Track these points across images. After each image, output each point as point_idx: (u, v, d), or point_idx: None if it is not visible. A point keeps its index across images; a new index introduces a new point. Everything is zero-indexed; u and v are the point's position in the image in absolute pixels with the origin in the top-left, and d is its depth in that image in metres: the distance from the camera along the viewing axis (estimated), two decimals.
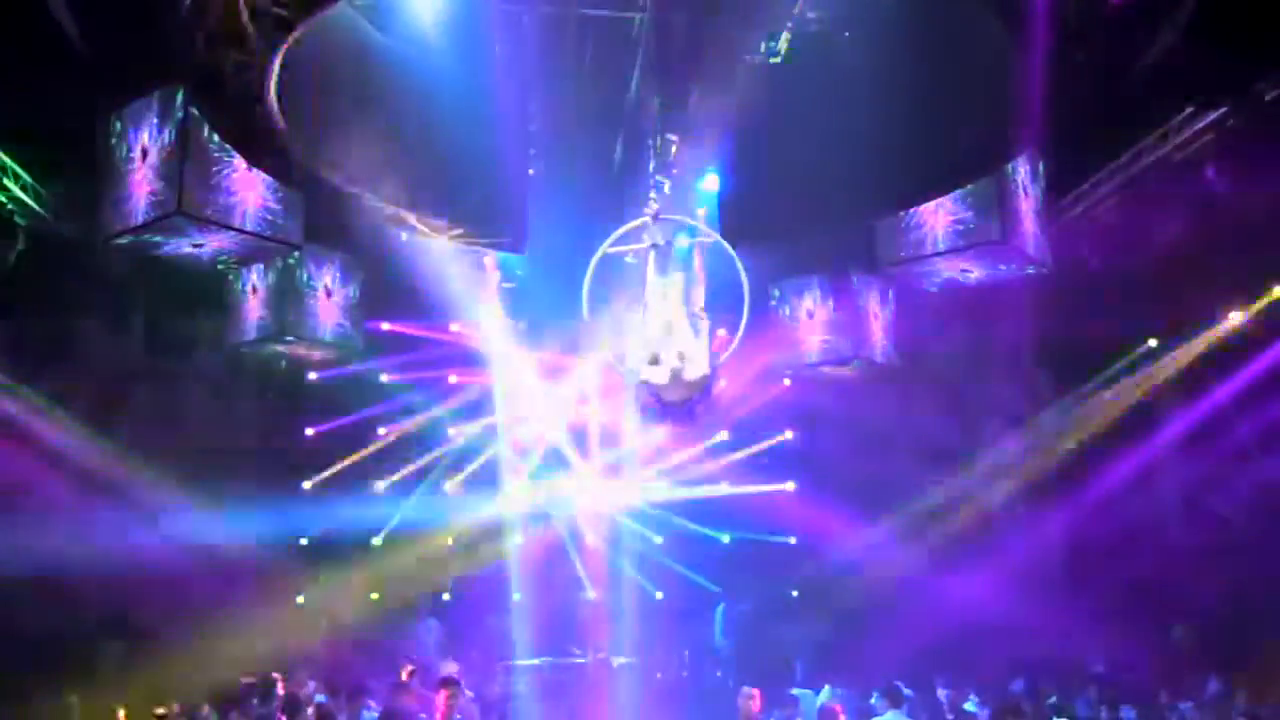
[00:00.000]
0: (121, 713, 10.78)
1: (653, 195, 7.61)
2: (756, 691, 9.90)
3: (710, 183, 11.58)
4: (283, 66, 7.64)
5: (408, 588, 15.86)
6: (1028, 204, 11.06)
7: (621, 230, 7.36)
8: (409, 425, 15.35)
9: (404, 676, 12.24)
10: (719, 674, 15.64)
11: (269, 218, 10.24)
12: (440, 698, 9.25)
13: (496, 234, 10.57)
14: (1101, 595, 14.25)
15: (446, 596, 16.16)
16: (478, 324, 14.63)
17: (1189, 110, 10.67)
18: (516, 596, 16.00)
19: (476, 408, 15.52)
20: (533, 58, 10.09)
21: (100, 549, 12.58)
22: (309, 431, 14.96)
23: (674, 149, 11.17)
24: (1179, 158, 10.97)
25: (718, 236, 7.83)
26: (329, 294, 12.24)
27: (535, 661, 15.06)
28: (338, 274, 12.31)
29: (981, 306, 13.03)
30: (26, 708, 11.26)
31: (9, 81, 9.57)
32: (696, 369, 6.44)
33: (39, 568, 12.17)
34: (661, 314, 6.89)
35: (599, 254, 7.12)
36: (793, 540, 16.09)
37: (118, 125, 10.05)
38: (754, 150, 10.03)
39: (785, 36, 9.78)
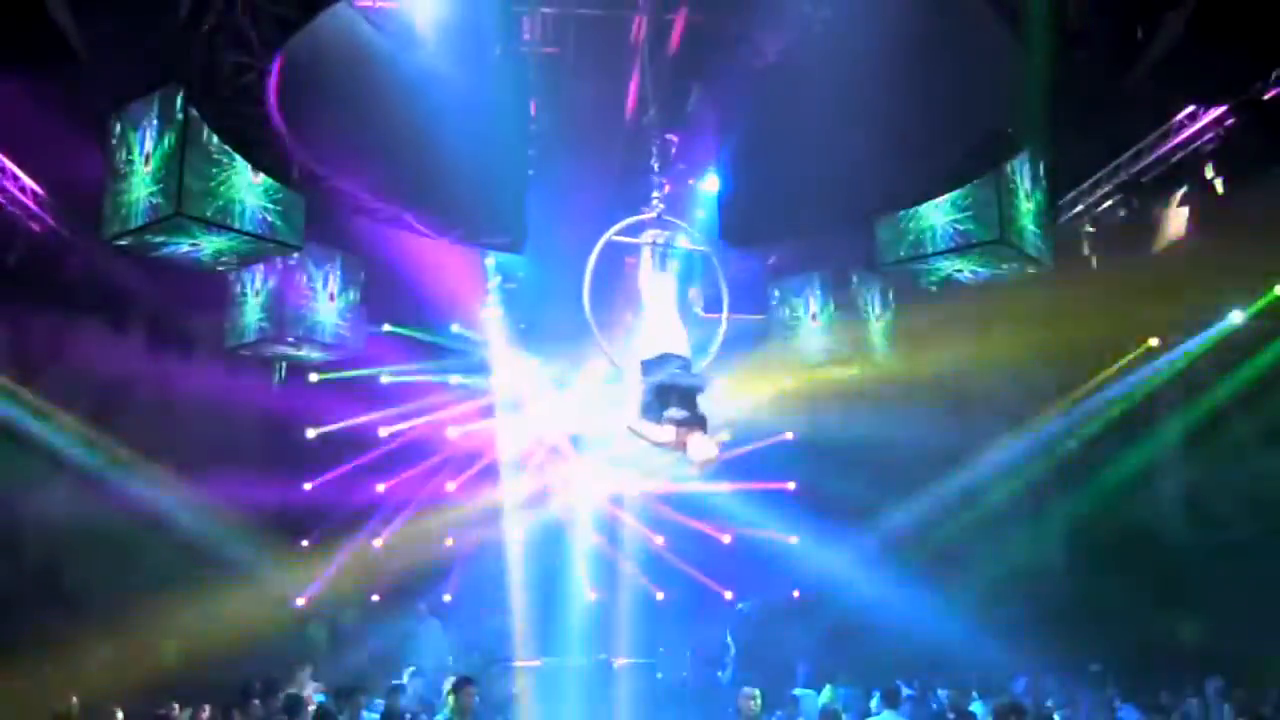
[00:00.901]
0: (120, 714, 10.77)
1: (656, 195, 7.54)
2: (757, 692, 9.91)
3: (710, 183, 11.59)
4: (282, 67, 7.64)
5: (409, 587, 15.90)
6: (1028, 203, 11.05)
7: (624, 223, 7.33)
8: (410, 426, 15.37)
9: (405, 678, 12.25)
10: (720, 674, 15.63)
11: (269, 219, 10.23)
12: (452, 698, 9.26)
13: (496, 235, 10.56)
14: (1103, 595, 14.25)
15: (448, 597, 16.17)
16: (478, 325, 14.65)
17: (1189, 109, 10.67)
18: (518, 596, 16.02)
19: (477, 409, 15.53)
20: (532, 57, 10.09)
21: (101, 548, 12.60)
22: (310, 433, 14.97)
23: (674, 149, 11.18)
24: (1179, 156, 10.97)
25: (707, 249, 7.79)
26: (329, 295, 12.23)
27: (536, 662, 15.06)
28: (338, 275, 12.30)
29: (982, 305, 13.02)
30: (26, 710, 11.26)
31: (8, 82, 9.56)
32: (704, 450, 6.34)
33: (40, 568, 12.19)
34: (658, 315, 6.88)
35: (601, 242, 7.09)
36: (794, 540, 16.11)
37: (117, 126, 10.04)
38: (754, 150, 10.03)
39: (785, 36, 9.77)
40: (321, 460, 15.06)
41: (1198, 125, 10.65)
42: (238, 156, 9.57)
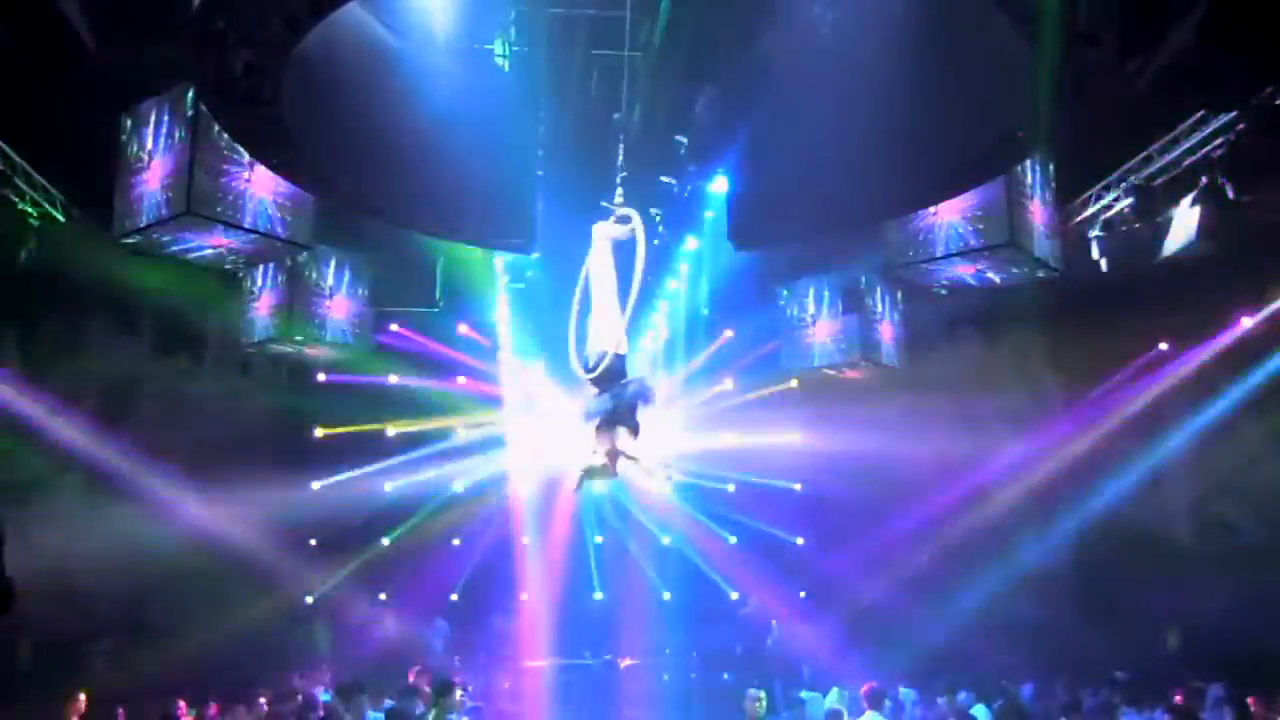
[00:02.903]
0: (121, 711, 10.80)
1: (619, 192, 7.47)
2: (762, 694, 9.89)
3: (719, 184, 11.59)
4: (292, 67, 7.65)
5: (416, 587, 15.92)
6: (1037, 206, 11.04)
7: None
8: (417, 426, 15.39)
9: (411, 677, 12.26)
10: (726, 676, 15.62)
11: (278, 217, 10.27)
12: (443, 698, 9.26)
13: (506, 235, 10.57)
14: (1109, 599, 14.22)
15: (455, 597, 16.19)
16: (486, 325, 14.67)
17: (1199, 114, 10.65)
18: (524, 597, 16.03)
19: (485, 409, 15.55)
20: (541, 58, 10.09)
21: (108, 546, 12.62)
22: (318, 432, 15.00)
23: (683, 150, 11.18)
24: (1189, 161, 10.95)
25: (634, 213, 7.45)
26: (338, 294, 12.26)
27: (542, 663, 15.07)
28: (347, 274, 12.33)
29: (990, 309, 13.00)
30: (32, 707, 11.28)
31: (20, 81, 9.60)
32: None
33: (47, 565, 12.19)
34: (605, 309, 6.89)
35: (588, 262, 7.08)
36: (800, 541, 16.09)
37: (129, 124, 10.09)
38: (763, 152, 10.03)
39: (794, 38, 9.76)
40: (329, 459, 15.07)
41: (1208, 130, 10.62)
42: (248, 156, 9.60)
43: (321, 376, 14.12)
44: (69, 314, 12.73)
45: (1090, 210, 12.08)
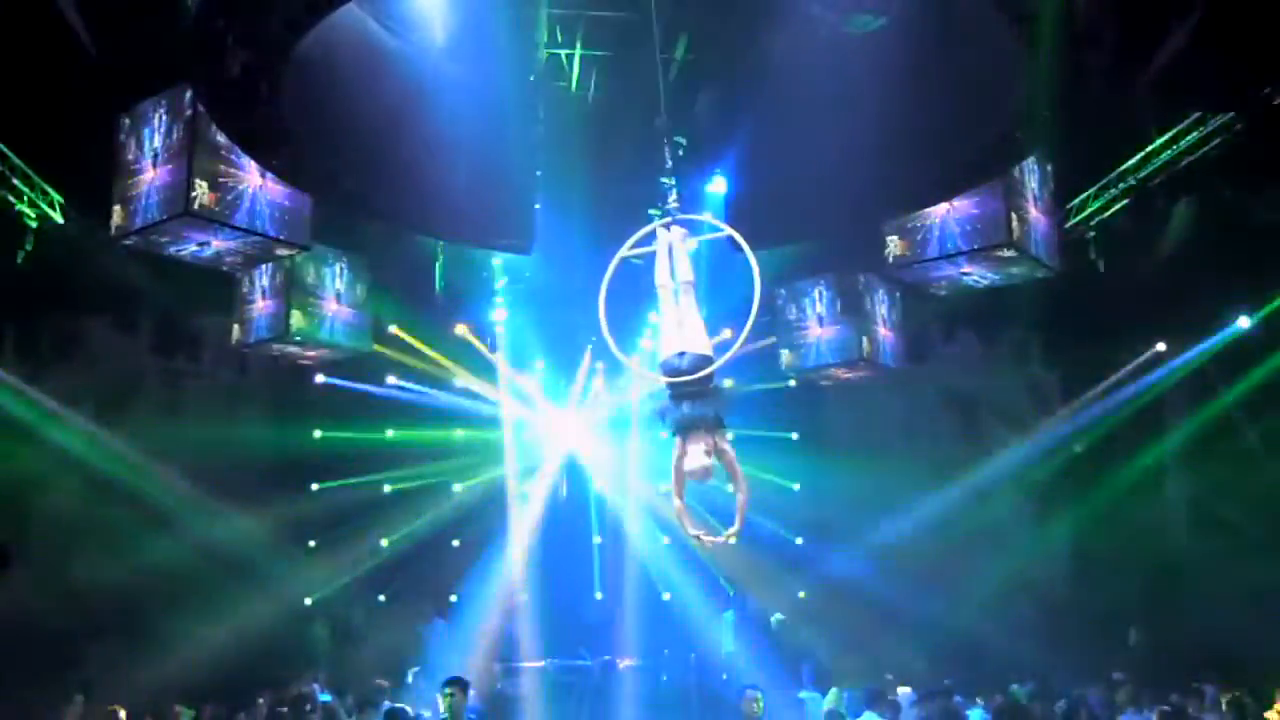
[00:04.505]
0: (123, 713, 10.78)
1: (673, 196, 7.46)
2: (759, 694, 9.89)
3: (718, 185, 11.58)
4: (291, 67, 7.65)
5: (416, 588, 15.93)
6: (1036, 207, 11.04)
7: (641, 233, 7.26)
8: (416, 426, 15.38)
9: (409, 678, 12.27)
10: (725, 676, 15.61)
11: (276, 218, 10.25)
12: (442, 699, 9.25)
13: (504, 236, 10.57)
14: (1108, 600, 14.22)
15: (454, 598, 16.19)
16: (485, 325, 14.66)
17: (1197, 115, 10.66)
18: (524, 597, 16.02)
19: (484, 409, 15.54)
20: (540, 58, 10.10)
21: (107, 546, 12.62)
22: (316, 433, 14.98)
23: (682, 151, 11.16)
24: (1187, 162, 10.96)
25: (733, 230, 7.60)
26: (336, 295, 12.24)
27: (541, 663, 15.07)
28: (345, 274, 12.30)
29: (990, 309, 13.00)
30: (30, 707, 11.28)
31: (19, 81, 9.60)
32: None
33: (46, 566, 12.21)
34: (678, 314, 6.87)
35: (617, 259, 7.02)
36: (799, 541, 16.08)
37: (127, 124, 10.08)
38: (762, 152, 10.03)
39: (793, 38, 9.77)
40: (328, 460, 15.05)
41: (1206, 130, 10.64)
42: (246, 155, 9.59)
43: (320, 378, 14.10)
44: (68, 314, 12.70)
45: (1088, 210, 12.09)
